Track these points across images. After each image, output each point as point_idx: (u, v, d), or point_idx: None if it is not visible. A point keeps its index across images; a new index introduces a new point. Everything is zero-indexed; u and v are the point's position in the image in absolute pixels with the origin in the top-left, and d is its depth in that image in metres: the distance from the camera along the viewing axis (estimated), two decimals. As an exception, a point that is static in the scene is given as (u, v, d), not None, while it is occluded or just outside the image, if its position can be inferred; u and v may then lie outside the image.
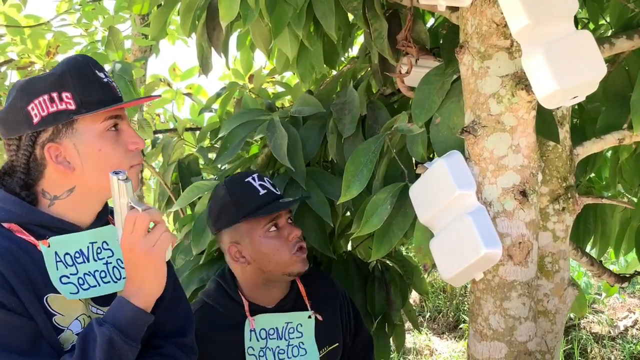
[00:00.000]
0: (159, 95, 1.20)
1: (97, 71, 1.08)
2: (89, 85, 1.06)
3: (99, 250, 1.12)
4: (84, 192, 1.09)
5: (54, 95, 1.03)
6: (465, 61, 1.25)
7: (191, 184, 2.10)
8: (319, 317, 1.45)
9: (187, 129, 2.68)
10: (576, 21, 1.95)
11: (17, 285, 0.98)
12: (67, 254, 1.07)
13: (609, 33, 2.21)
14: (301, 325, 1.43)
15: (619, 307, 4.77)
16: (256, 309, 1.39)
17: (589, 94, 1.16)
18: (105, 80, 1.09)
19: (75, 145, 1.06)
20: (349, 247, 2.06)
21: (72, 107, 1.04)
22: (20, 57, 2.63)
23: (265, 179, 1.41)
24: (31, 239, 1.04)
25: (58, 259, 1.05)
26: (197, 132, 2.63)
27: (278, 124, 1.56)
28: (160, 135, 2.59)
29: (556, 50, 1.10)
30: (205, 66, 2.10)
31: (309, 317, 1.44)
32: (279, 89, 2.87)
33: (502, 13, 1.16)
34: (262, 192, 1.37)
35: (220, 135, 1.67)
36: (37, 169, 1.07)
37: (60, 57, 2.62)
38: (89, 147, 1.06)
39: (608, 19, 2.16)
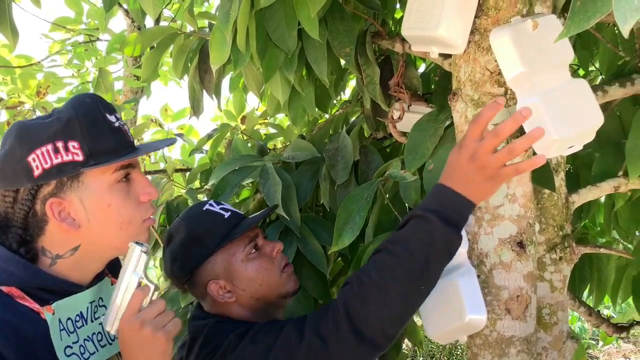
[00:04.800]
0: (175, 140, 1.13)
1: (107, 114, 0.97)
2: (99, 132, 0.95)
3: (95, 309, 1.03)
4: (89, 251, 0.99)
5: (59, 144, 0.92)
6: (459, 108, 1.23)
7: (179, 227, 2.06)
8: None
9: (177, 170, 2.65)
10: (567, 68, 1.98)
11: None
12: (69, 319, 0.97)
13: (599, 79, 2.24)
14: None
15: (614, 353, 4.69)
16: None
17: (586, 142, 1.14)
18: (117, 124, 0.98)
19: (82, 200, 0.95)
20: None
21: (80, 158, 0.93)
22: (9, 97, 2.61)
23: (222, 202, 1.28)
24: (35, 306, 0.93)
25: (61, 327, 0.95)
26: (187, 173, 2.60)
27: (271, 171, 1.53)
28: (149, 177, 2.55)
29: (552, 99, 1.08)
30: (196, 108, 2.09)
31: None
32: (272, 130, 2.86)
33: (495, 61, 1.15)
34: (227, 215, 1.22)
35: (211, 182, 1.63)
36: (37, 224, 0.96)
37: (50, 98, 2.61)
38: (97, 202, 0.96)
39: (598, 66, 2.19)
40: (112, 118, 0.98)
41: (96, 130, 0.95)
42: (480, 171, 1.02)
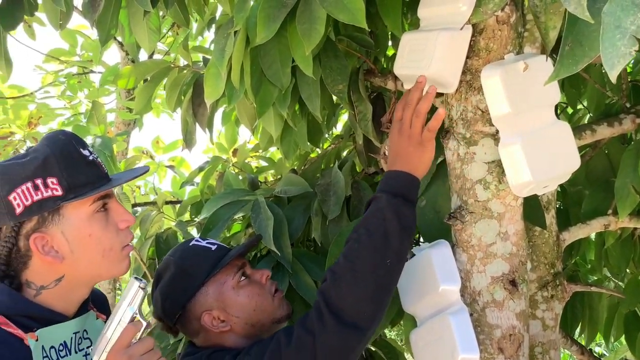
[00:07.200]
0: (148, 169, 1.17)
1: (81, 149, 1.03)
2: (75, 167, 1.00)
3: (79, 341, 1.05)
4: (73, 280, 1.02)
5: (38, 182, 0.96)
6: (451, 146, 1.24)
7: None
8: None
9: (167, 202, 2.63)
10: (555, 106, 2.02)
11: None
12: (52, 347, 0.99)
13: (587, 117, 2.27)
14: None
15: (606, 391, 4.63)
16: None
17: (560, 183, 1.16)
18: (91, 158, 1.04)
19: (63, 233, 0.99)
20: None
21: (59, 192, 0.97)
22: (0, 127, 2.60)
23: (208, 238, 1.30)
24: (19, 332, 0.95)
25: (44, 354, 0.97)
26: (178, 206, 2.59)
27: (263, 205, 1.52)
28: (139, 209, 2.54)
29: (533, 142, 1.10)
30: (189, 141, 2.09)
31: None
32: (263, 163, 2.87)
33: (486, 99, 1.17)
34: (214, 247, 1.25)
35: (203, 216, 1.63)
36: (21, 260, 0.99)
37: (41, 128, 2.60)
38: (79, 233, 1.00)
39: (586, 104, 2.23)
40: (85, 152, 1.03)
41: (72, 165, 0.99)
42: (409, 140, 1.17)
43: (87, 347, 1.06)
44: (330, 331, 1.05)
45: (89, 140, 2.15)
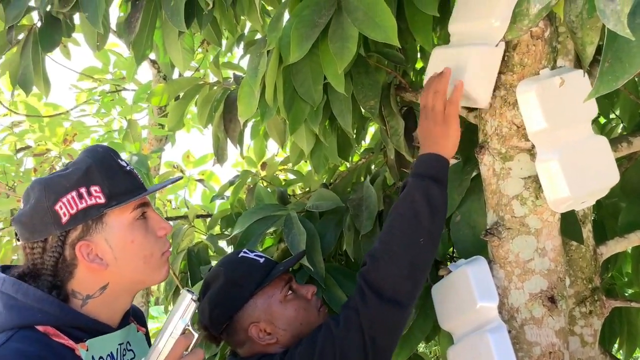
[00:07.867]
0: (182, 177, 1.19)
1: (119, 160, 1.07)
2: (114, 176, 1.04)
3: (124, 352, 1.08)
4: (117, 288, 1.06)
5: (82, 190, 1.01)
6: (486, 161, 1.24)
7: (200, 273, 2.06)
8: None
9: (198, 216, 2.66)
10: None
11: None
12: (101, 357, 1.02)
13: (620, 127, 2.24)
14: None
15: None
16: None
17: (599, 198, 1.15)
18: (128, 168, 1.08)
19: (107, 240, 1.03)
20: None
21: (102, 200, 1.01)
22: (37, 144, 2.68)
23: (255, 250, 1.33)
24: (70, 342, 0.98)
25: None
26: (208, 219, 2.62)
27: (295, 220, 1.53)
28: (171, 222, 2.57)
29: (571, 156, 1.10)
30: (220, 156, 2.12)
31: None
32: (291, 176, 2.88)
33: (522, 115, 1.17)
34: (262, 260, 1.27)
35: (236, 232, 1.64)
36: (67, 269, 1.03)
37: (76, 145, 2.67)
38: (122, 240, 1.04)
39: (618, 113, 2.19)
40: (123, 163, 1.08)
41: (112, 175, 1.03)
42: (434, 121, 1.21)
43: (131, 359, 1.08)
44: (373, 307, 1.12)
45: (124, 157, 2.20)
